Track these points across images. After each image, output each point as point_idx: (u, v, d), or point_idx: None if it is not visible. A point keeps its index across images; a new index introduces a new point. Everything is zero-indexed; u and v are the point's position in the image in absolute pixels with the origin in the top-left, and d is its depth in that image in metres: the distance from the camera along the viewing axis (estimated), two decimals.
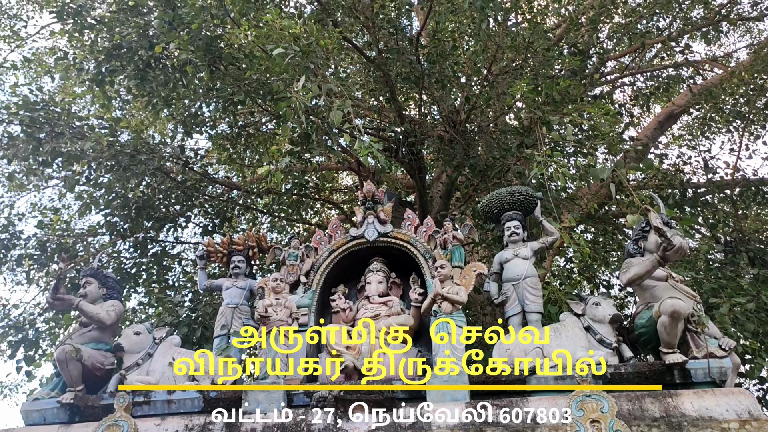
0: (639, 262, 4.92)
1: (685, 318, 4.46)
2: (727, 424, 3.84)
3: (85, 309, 5.33)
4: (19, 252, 8.84)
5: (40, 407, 4.95)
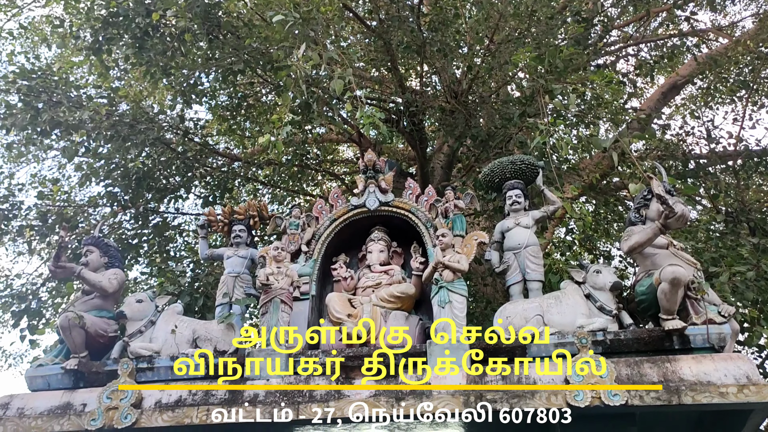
0: (640, 230, 4.92)
1: (685, 285, 4.47)
2: (725, 389, 3.87)
3: (87, 277, 5.35)
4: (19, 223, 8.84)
5: (44, 373, 5.01)
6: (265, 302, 5.04)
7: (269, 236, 7.69)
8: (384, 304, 5.38)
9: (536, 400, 4.10)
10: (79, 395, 4.73)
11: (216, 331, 5.26)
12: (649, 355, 4.37)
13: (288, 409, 4.33)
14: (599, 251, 10.43)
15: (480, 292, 9.19)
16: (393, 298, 5.41)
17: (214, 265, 8.03)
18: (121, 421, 4.33)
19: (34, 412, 4.62)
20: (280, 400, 4.46)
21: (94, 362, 5.08)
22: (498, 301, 7.91)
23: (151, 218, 9.66)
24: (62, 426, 4.41)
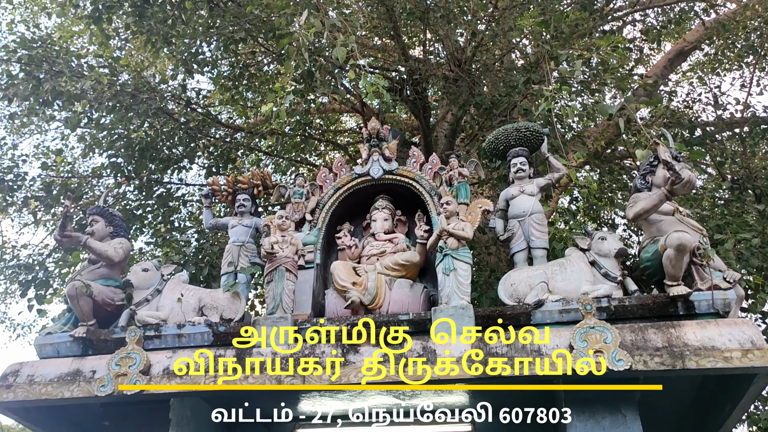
0: (646, 197, 4.90)
1: (690, 251, 4.47)
2: (729, 353, 3.89)
3: (93, 246, 5.37)
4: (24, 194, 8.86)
5: (53, 341, 5.06)
6: (270, 271, 5.06)
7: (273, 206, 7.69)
8: (388, 272, 5.39)
9: (540, 366, 4.12)
10: (89, 362, 4.79)
11: (222, 299, 5.29)
12: (654, 321, 4.39)
13: (294, 376, 4.37)
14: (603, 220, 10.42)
15: (484, 260, 9.20)
16: (397, 266, 5.43)
17: (218, 234, 8.06)
18: (131, 387, 4.37)
19: (44, 378, 4.68)
20: (286, 367, 4.50)
21: (102, 330, 5.13)
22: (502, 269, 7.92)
23: (155, 189, 9.67)
24: (72, 392, 4.46)
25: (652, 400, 4.65)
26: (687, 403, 5.01)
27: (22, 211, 9.46)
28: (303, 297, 5.31)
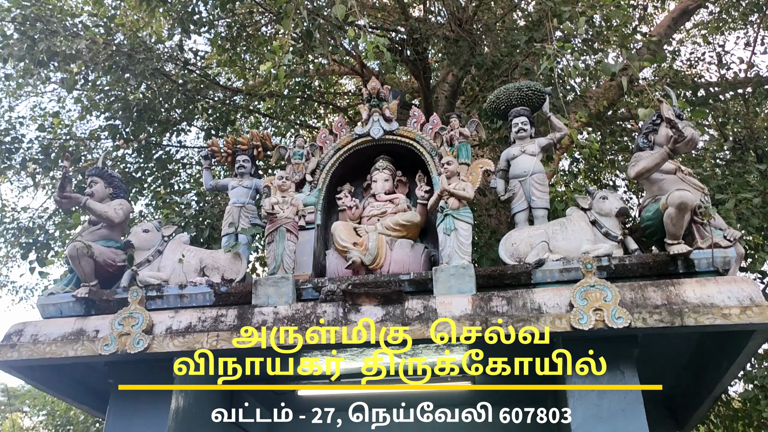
0: (648, 156, 4.88)
1: (691, 210, 4.46)
2: (728, 310, 3.91)
3: (93, 207, 5.36)
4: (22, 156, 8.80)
5: (56, 301, 5.08)
6: (271, 231, 5.06)
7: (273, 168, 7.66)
8: (389, 233, 5.40)
9: (541, 324, 4.16)
10: (92, 322, 4.82)
11: (223, 260, 5.31)
12: (654, 279, 4.41)
13: (296, 334, 4.41)
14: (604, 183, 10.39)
15: (484, 222, 9.20)
16: (398, 227, 5.43)
17: (218, 196, 8.04)
18: (134, 346, 4.41)
19: (47, 338, 4.71)
20: (288, 326, 4.53)
21: (104, 290, 5.15)
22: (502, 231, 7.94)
23: (154, 152, 9.61)
24: (76, 351, 4.50)
25: (650, 358, 4.70)
26: (684, 360, 5.07)
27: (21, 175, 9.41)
28: (304, 257, 5.32)
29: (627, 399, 4.18)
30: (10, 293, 13.51)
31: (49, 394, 5.51)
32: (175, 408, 4.66)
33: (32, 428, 14.80)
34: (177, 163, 10.24)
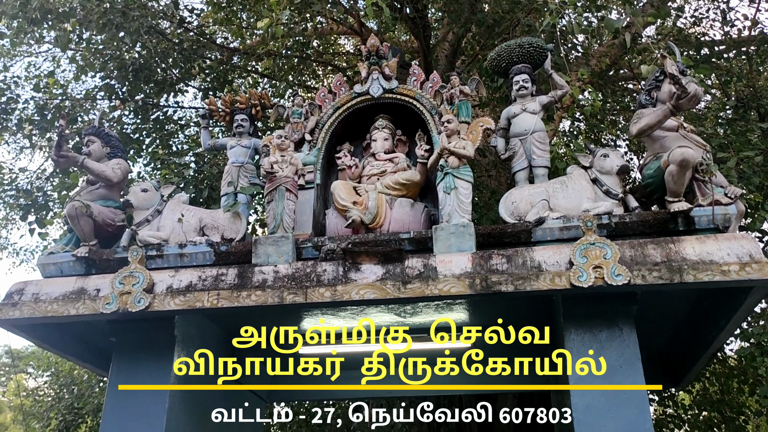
0: (650, 113, 4.83)
1: (693, 167, 4.44)
2: (727, 267, 3.92)
3: (90, 166, 5.32)
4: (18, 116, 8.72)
5: (56, 260, 5.09)
6: (271, 191, 5.04)
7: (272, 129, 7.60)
8: (389, 192, 5.39)
9: (540, 282, 4.17)
10: (92, 281, 4.84)
11: (222, 219, 5.30)
12: (654, 237, 4.41)
13: (297, 293, 4.43)
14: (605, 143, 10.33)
15: (484, 183, 9.18)
16: (398, 186, 5.41)
17: (217, 156, 7.99)
18: (135, 305, 4.44)
19: (49, 297, 4.73)
20: (288, 285, 4.55)
21: (104, 250, 5.15)
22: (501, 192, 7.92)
23: (151, 112, 9.52)
24: (78, 310, 4.52)
25: (648, 315, 4.74)
26: (682, 317, 5.11)
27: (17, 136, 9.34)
28: (304, 217, 5.32)
29: (625, 355, 4.23)
30: (11, 256, 13.56)
31: (53, 352, 5.56)
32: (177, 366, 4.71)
33: (37, 388, 14.99)
34: (175, 124, 10.16)
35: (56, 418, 12.30)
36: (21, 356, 21.60)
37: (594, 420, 4.09)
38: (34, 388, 15.29)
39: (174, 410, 4.60)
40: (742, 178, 6.09)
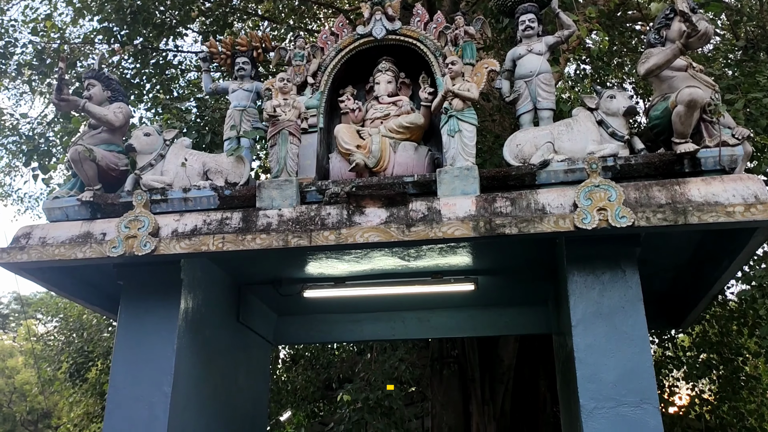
0: (659, 52, 4.73)
1: (701, 107, 4.38)
2: (732, 208, 3.91)
3: (92, 110, 5.28)
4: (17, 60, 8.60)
5: (62, 205, 5.10)
6: (274, 134, 5.01)
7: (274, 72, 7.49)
8: (393, 135, 5.35)
9: (544, 224, 4.17)
10: (98, 225, 4.86)
11: (226, 163, 5.28)
12: (660, 179, 4.39)
13: (301, 236, 4.44)
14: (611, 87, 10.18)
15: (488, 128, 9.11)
16: (402, 129, 5.37)
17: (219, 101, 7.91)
18: (141, 248, 4.47)
19: (55, 240, 4.77)
20: (292, 228, 4.56)
21: (109, 194, 5.16)
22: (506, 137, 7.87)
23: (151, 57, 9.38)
24: (85, 253, 4.56)
25: (651, 257, 4.77)
26: (685, 260, 5.14)
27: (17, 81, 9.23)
28: (307, 161, 5.30)
29: (627, 296, 4.27)
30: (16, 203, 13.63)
31: (61, 295, 5.64)
32: (184, 308, 4.78)
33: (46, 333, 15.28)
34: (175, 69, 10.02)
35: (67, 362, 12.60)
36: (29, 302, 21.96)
37: (595, 359, 4.17)
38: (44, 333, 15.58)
39: (182, 351, 4.69)
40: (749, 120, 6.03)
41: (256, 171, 9.51)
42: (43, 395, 18.57)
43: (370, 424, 9.34)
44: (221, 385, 5.35)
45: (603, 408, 4.04)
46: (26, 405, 24.12)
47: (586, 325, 4.26)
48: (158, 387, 4.53)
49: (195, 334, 4.91)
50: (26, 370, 24.71)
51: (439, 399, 10.42)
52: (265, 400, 6.77)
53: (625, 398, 4.04)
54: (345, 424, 8.89)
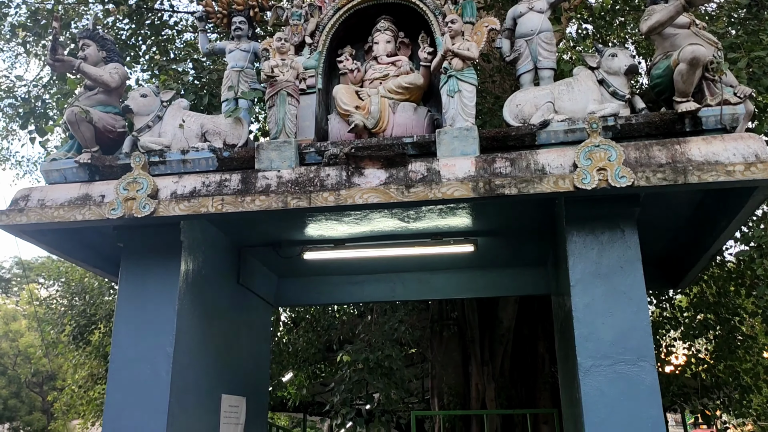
0: (662, 9, 4.65)
1: (703, 65, 4.33)
2: (732, 167, 3.90)
3: (87, 71, 5.22)
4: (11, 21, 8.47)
5: (60, 167, 5.08)
6: (272, 95, 4.96)
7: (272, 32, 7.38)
8: (392, 96, 5.30)
9: (544, 184, 4.16)
10: (97, 187, 4.85)
11: (224, 125, 5.24)
12: (660, 139, 4.36)
13: (300, 197, 4.44)
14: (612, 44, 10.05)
15: (488, 89, 9.02)
16: (401, 89, 5.32)
17: (216, 62, 7.82)
18: (141, 210, 4.46)
19: (54, 203, 4.76)
20: (292, 190, 4.56)
21: (107, 156, 5.13)
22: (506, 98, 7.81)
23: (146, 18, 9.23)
24: (84, 215, 4.56)
25: (650, 218, 4.77)
26: (684, 220, 5.14)
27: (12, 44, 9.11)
28: (306, 122, 5.26)
29: (626, 256, 4.29)
30: (14, 167, 13.59)
31: (62, 257, 5.66)
32: (184, 270, 4.80)
33: (49, 297, 15.40)
34: (171, 29, 9.87)
35: (70, 325, 12.72)
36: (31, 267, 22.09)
37: (593, 318, 4.20)
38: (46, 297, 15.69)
39: (183, 312, 4.73)
40: (752, 80, 5.96)
41: (256, 134, 9.46)
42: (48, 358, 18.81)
43: (371, 385, 9.49)
44: (223, 346, 5.40)
45: (600, 366, 4.09)
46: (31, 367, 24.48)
47: (584, 285, 4.28)
48: (161, 347, 4.57)
49: (196, 296, 4.94)
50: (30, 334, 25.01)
51: (439, 360, 10.57)
52: (267, 360, 6.85)
53: (622, 356, 4.09)
54: (345, 384, 9.02)
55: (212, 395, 5.19)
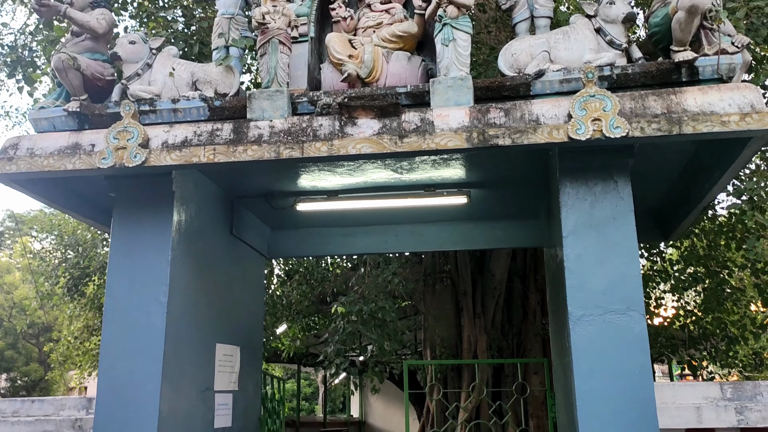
0: None
1: (702, 13, 4.26)
2: (727, 117, 3.88)
3: (74, 16, 5.09)
4: None
5: (48, 115, 5.00)
6: (263, 43, 4.86)
7: None
8: (385, 45, 5.21)
9: (538, 135, 4.14)
10: (86, 136, 4.79)
11: (215, 73, 5.15)
12: (657, 89, 4.32)
13: (293, 147, 4.41)
14: None
15: (483, 40, 8.88)
16: (395, 38, 5.23)
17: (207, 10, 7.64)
18: (132, 160, 4.42)
19: (44, 152, 4.70)
20: (284, 139, 4.51)
21: (96, 105, 5.05)
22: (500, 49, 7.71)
23: None
24: (74, 164, 4.51)
25: (643, 169, 4.77)
26: (677, 172, 5.15)
27: None
28: (298, 72, 5.18)
29: (618, 207, 4.30)
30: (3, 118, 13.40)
31: (55, 208, 5.63)
32: (177, 220, 4.79)
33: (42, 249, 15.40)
34: None
35: (64, 277, 12.76)
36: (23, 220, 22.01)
37: (585, 269, 4.24)
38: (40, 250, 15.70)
39: (176, 262, 4.74)
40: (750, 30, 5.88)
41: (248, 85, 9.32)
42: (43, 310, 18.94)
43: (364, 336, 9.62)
44: (216, 296, 5.44)
45: (590, 315, 4.15)
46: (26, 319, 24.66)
47: (576, 236, 4.31)
48: (154, 296, 4.60)
49: (189, 246, 4.94)
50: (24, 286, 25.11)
51: (432, 312, 10.69)
52: (261, 312, 6.91)
53: (612, 306, 4.14)
54: (339, 335, 9.14)
55: (207, 344, 5.25)
